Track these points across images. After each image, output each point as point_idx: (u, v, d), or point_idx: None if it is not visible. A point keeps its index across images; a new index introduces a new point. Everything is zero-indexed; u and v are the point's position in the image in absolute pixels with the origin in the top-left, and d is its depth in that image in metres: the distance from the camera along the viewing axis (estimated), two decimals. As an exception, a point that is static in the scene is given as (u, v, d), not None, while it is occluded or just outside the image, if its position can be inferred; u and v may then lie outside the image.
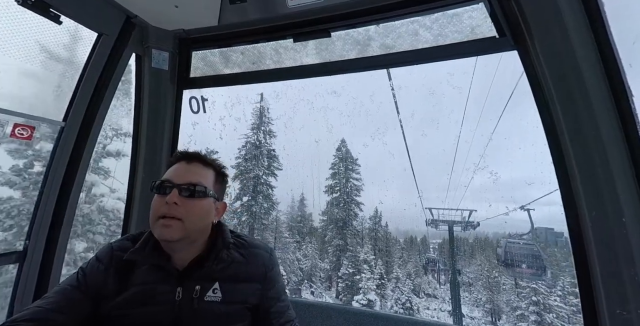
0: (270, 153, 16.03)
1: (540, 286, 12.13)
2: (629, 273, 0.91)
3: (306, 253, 15.85)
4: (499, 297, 14.40)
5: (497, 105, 18.72)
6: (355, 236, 15.78)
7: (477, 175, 18.78)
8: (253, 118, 16.59)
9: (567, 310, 11.77)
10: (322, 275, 15.74)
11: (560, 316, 11.54)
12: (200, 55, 1.72)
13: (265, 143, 16.03)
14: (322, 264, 15.70)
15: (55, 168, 1.32)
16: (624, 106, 0.95)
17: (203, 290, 0.81)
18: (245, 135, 16.04)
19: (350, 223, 16.15)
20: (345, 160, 17.36)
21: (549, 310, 11.66)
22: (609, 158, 0.96)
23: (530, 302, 11.86)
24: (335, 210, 16.34)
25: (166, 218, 0.78)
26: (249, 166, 15.28)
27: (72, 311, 0.75)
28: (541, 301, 11.57)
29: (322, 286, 15.54)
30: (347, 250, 14.97)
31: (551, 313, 11.65)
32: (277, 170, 16.05)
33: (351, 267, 14.37)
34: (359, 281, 13.63)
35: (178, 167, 0.87)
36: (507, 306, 13.43)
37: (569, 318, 11.54)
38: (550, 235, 18.48)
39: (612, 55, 0.97)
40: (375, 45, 1.40)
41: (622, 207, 0.93)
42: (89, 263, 0.85)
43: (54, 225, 1.33)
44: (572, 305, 11.57)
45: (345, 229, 15.84)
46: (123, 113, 2.23)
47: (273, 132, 16.57)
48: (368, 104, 25.74)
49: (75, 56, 1.36)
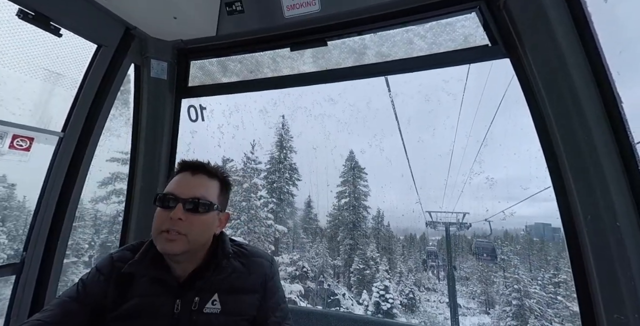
0: (291, 167, 17.93)
1: (522, 276, 15.12)
2: (625, 277, 0.91)
3: (318, 252, 17.51)
4: (489, 287, 17.91)
5: (491, 110, 19.12)
6: (364, 236, 18.07)
7: (474, 178, 19.18)
8: (276, 136, 18.49)
9: (546, 297, 14.76)
10: (335, 270, 17.71)
11: (539, 302, 14.44)
12: (199, 65, 1.74)
13: (287, 158, 17.91)
14: (335, 262, 17.67)
15: (54, 179, 1.32)
16: (614, 112, 0.98)
17: (202, 302, 0.81)
18: (270, 151, 18.14)
19: (358, 225, 18.26)
20: (354, 169, 19.37)
21: (529, 297, 14.56)
22: (601, 163, 0.98)
23: (512, 289, 14.99)
24: (345, 213, 18.43)
25: (170, 232, 0.78)
26: (274, 178, 17.33)
27: (71, 324, 0.75)
28: (522, 289, 14.69)
29: (337, 280, 17.44)
30: (357, 248, 17.36)
31: (531, 299, 14.50)
32: (297, 181, 17.95)
33: (361, 263, 16.86)
34: (372, 273, 16.32)
35: (182, 179, 0.86)
36: (495, 294, 16.99)
37: (547, 303, 14.65)
38: (547, 231, 20.21)
39: (601, 63, 1.00)
40: (371, 53, 1.43)
41: (615, 211, 0.94)
42: (90, 274, 0.85)
43: (51, 236, 1.32)
44: (550, 292, 14.90)
45: (354, 230, 17.99)
46: (122, 123, 2.23)
47: (293, 147, 18.44)
48: (365, 111, 26.09)
49: (73, 66, 1.37)
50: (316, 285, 15.44)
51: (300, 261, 15.24)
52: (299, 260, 15.24)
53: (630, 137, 0.95)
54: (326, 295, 15.64)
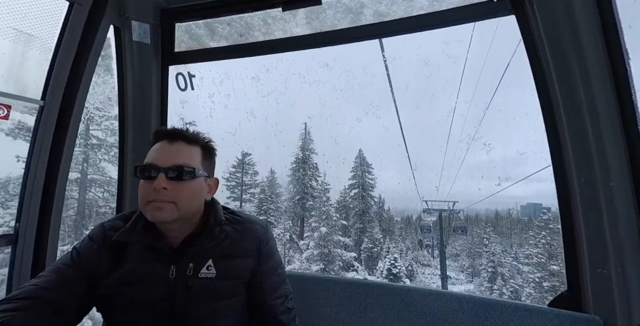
0: (313, 165, 21.07)
1: (497, 250, 19.02)
2: (612, 235, 0.94)
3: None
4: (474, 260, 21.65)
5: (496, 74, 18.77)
6: (371, 221, 21.12)
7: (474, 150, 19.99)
8: (300, 141, 21.32)
9: (516, 266, 17.85)
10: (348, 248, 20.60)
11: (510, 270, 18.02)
12: (185, 28, 1.62)
13: (309, 158, 20.88)
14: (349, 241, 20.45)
15: (39, 148, 1.27)
16: (620, 71, 0.94)
17: (197, 267, 0.81)
18: (295, 153, 21.07)
19: (367, 211, 21.35)
20: (362, 165, 22.42)
21: (501, 266, 18.30)
22: (601, 126, 0.96)
23: (489, 260, 18.84)
24: (355, 202, 21.42)
25: (156, 202, 0.76)
26: (300, 176, 20.43)
27: (66, 289, 0.75)
28: (496, 261, 18.51)
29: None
30: (366, 231, 20.73)
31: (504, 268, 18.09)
32: (318, 177, 21.03)
33: (370, 243, 20.55)
34: (380, 251, 20.06)
35: (160, 148, 0.82)
36: (478, 265, 20.39)
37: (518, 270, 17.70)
38: (537, 210, 21.91)
39: (613, 18, 0.94)
40: (368, 12, 1.34)
41: (609, 172, 0.95)
42: (83, 243, 0.84)
43: (44, 205, 1.30)
44: (520, 263, 17.70)
45: (363, 216, 21.14)
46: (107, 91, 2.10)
47: (314, 149, 21.32)
48: (361, 77, 25.05)
49: (45, 27, 1.26)
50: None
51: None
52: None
53: (634, 96, 0.93)
54: (347, 266, 18.65)
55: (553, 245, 15.26)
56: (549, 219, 15.99)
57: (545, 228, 15.89)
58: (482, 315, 1.06)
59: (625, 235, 0.93)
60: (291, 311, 0.94)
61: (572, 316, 0.97)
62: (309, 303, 1.30)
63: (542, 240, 15.80)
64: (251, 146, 24.16)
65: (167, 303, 0.79)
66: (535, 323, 0.99)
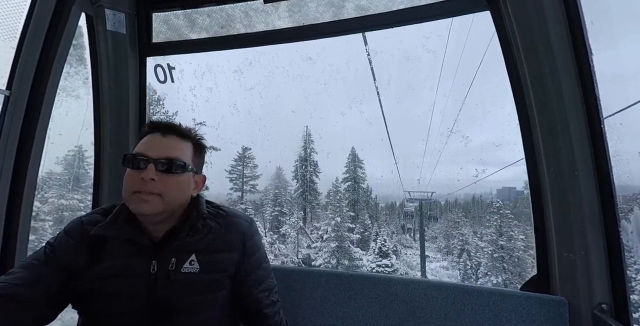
0: (313, 163, 23.10)
1: (465, 231, 22.48)
2: (577, 220, 1.01)
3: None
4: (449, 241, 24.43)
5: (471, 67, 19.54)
6: (361, 210, 23.20)
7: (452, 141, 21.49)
8: (302, 142, 23.17)
9: (480, 245, 20.45)
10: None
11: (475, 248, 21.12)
12: (163, 18, 1.57)
13: (309, 156, 22.82)
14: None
15: (5, 141, 1.20)
16: (583, 65, 1.00)
17: (179, 262, 0.80)
18: (297, 152, 22.96)
19: (358, 201, 23.22)
20: (355, 161, 23.99)
21: (467, 243, 21.72)
22: (568, 118, 1.02)
23: (459, 240, 22.45)
24: (348, 193, 22.99)
25: (143, 193, 0.74)
26: (303, 172, 22.61)
27: (40, 285, 0.72)
28: (464, 240, 22.06)
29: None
30: (358, 218, 22.88)
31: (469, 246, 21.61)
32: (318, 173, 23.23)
33: (361, 228, 22.67)
34: (370, 235, 22.42)
35: (152, 140, 0.81)
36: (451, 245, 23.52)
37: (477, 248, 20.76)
38: (512, 193, 25.50)
39: (578, 15, 1.00)
40: (349, 6, 1.34)
41: (576, 162, 1.01)
42: (57, 238, 0.81)
43: (12, 202, 1.23)
44: (484, 241, 20.10)
45: (355, 205, 23.10)
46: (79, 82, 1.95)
47: (315, 149, 23.20)
48: (344, 71, 25.10)
49: (8, 12, 1.19)
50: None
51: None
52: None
53: (596, 89, 0.99)
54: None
55: (502, 226, 18.19)
56: (500, 206, 18.86)
57: (497, 213, 18.73)
58: (460, 301, 1.10)
59: (588, 221, 0.99)
60: (276, 304, 0.95)
61: (540, 298, 1.03)
62: (293, 296, 1.31)
63: (494, 222, 18.65)
64: (235, 140, 23.93)
65: (147, 297, 0.78)
66: (508, 306, 1.05)
